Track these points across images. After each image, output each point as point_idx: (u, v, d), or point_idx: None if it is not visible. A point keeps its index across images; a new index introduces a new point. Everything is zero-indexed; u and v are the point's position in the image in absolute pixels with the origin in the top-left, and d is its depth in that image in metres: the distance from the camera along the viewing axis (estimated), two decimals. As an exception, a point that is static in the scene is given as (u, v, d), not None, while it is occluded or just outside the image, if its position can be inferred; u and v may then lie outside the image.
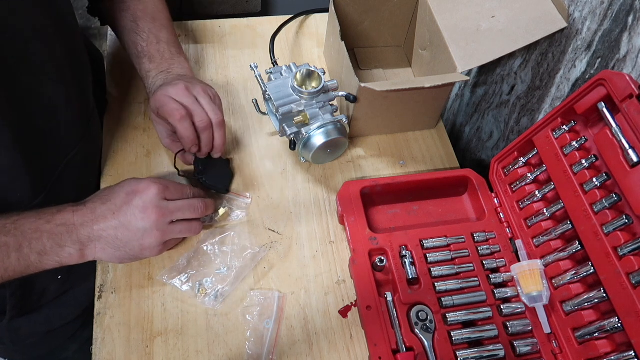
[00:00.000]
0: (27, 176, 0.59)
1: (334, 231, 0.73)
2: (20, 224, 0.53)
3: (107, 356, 0.60)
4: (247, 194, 0.74)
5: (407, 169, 0.81)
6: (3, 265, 0.52)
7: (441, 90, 0.76)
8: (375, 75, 0.93)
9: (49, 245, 0.54)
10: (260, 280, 0.67)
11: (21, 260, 0.53)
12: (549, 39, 0.73)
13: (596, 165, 0.58)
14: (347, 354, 0.63)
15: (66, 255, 0.55)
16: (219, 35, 0.94)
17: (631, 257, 0.52)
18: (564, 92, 0.73)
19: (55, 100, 0.61)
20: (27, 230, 0.53)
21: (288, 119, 0.70)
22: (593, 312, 0.58)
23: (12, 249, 0.52)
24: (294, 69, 0.73)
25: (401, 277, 0.65)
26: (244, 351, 0.61)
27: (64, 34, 0.61)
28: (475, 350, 0.60)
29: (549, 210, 0.64)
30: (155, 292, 0.65)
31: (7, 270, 0.52)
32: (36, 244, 0.53)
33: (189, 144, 0.66)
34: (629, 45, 0.60)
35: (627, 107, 0.52)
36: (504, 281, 0.66)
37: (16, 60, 0.54)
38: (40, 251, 0.54)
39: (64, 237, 0.55)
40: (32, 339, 0.75)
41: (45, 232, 0.54)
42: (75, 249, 0.56)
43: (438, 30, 0.77)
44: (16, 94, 0.55)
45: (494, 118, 0.92)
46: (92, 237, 0.56)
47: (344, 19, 0.85)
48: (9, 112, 0.54)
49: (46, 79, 0.58)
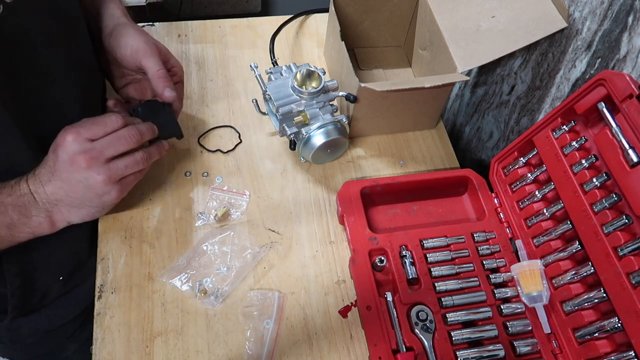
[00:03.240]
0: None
1: (334, 231, 0.73)
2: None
3: (107, 356, 0.60)
4: (246, 191, 0.74)
5: (407, 169, 0.81)
6: None
7: (441, 90, 0.76)
8: (375, 75, 0.93)
9: (15, 217, 0.54)
10: (260, 280, 0.67)
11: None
12: (549, 39, 0.73)
13: (596, 165, 0.58)
14: (347, 354, 0.63)
15: (35, 224, 0.55)
16: (219, 35, 0.94)
17: (631, 257, 0.52)
18: (564, 92, 0.73)
19: (63, 102, 0.61)
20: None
21: (288, 119, 0.70)
22: (593, 312, 0.58)
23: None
24: (294, 69, 0.73)
25: (401, 277, 0.65)
26: (244, 351, 0.61)
27: (72, 38, 0.61)
28: (475, 350, 0.60)
29: (549, 210, 0.64)
30: (155, 292, 0.65)
31: None
32: (3, 218, 0.53)
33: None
34: (629, 45, 0.60)
35: (627, 107, 0.52)
36: (504, 281, 0.66)
37: (26, 63, 0.54)
38: (9, 224, 0.54)
39: (27, 206, 0.55)
40: (32, 338, 0.75)
41: (9, 205, 0.54)
42: (42, 216, 0.56)
43: (438, 30, 0.77)
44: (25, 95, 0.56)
45: (494, 118, 0.92)
46: (51, 202, 0.56)
47: (344, 19, 0.85)
48: (18, 113, 0.55)
49: (55, 81, 0.59)
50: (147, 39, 0.65)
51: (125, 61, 0.66)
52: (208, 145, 0.79)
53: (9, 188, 0.55)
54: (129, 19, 0.69)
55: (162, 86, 0.64)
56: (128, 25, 0.66)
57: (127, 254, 0.67)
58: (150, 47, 0.64)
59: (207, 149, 0.78)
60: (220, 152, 0.78)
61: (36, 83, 0.57)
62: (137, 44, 0.64)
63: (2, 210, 0.54)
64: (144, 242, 0.69)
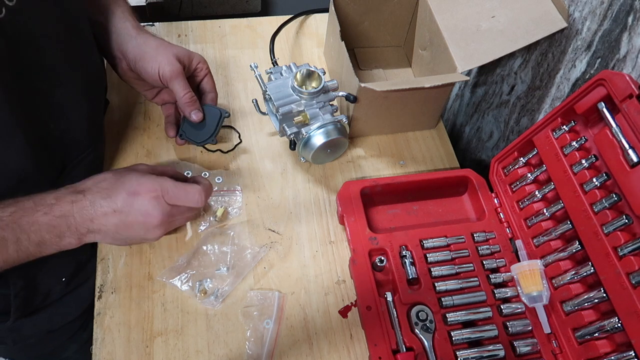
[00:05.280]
0: (37, 176, 0.59)
1: (334, 231, 0.73)
2: (18, 216, 0.53)
3: (107, 356, 0.60)
4: (237, 186, 0.74)
5: (407, 169, 0.81)
6: (2, 257, 0.52)
7: (441, 90, 0.76)
8: (375, 75, 0.93)
9: (47, 237, 0.54)
10: (260, 280, 0.67)
11: (20, 252, 0.53)
12: (549, 39, 0.73)
13: (596, 165, 0.58)
14: (347, 354, 0.63)
15: (65, 244, 0.56)
16: (219, 35, 0.94)
17: (631, 257, 0.52)
18: (564, 92, 0.73)
19: (67, 104, 0.62)
20: (24, 224, 0.53)
21: (288, 119, 0.70)
22: (593, 312, 0.58)
23: (10, 242, 0.52)
24: (294, 69, 0.73)
25: (401, 277, 0.65)
26: (244, 351, 0.61)
27: (77, 40, 0.61)
28: (475, 350, 0.60)
29: (549, 210, 0.64)
30: (155, 292, 0.65)
31: (7, 262, 0.52)
32: (34, 237, 0.53)
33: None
34: (628, 45, 0.60)
35: (627, 107, 0.52)
36: (504, 281, 0.66)
37: (30, 65, 0.54)
38: (39, 242, 0.54)
39: (62, 228, 0.55)
40: (34, 339, 0.75)
41: (44, 224, 0.54)
42: (74, 238, 0.56)
43: (438, 30, 0.77)
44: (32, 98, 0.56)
45: (494, 118, 0.92)
46: (92, 230, 0.57)
47: (344, 19, 0.85)
48: (24, 116, 0.55)
49: (58, 82, 0.59)
50: (168, 57, 0.67)
51: (152, 82, 0.70)
52: (208, 145, 0.79)
53: (48, 206, 0.54)
54: (140, 29, 0.70)
55: (188, 111, 0.70)
56: (146, 44, 0.68)
57: (127, 254, 0.67)
58: (173, 67, 0.67)
59: (207, 149, 0.78)
60: (220, 152, 0.78)
61: (43, 85, 0.57)
62: (162, 69, 0.66)
63: (35, 229, 0.53)
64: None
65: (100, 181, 0.59)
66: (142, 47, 0.67)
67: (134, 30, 0.69)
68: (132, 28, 0.69)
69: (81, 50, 0.63)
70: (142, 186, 0.58)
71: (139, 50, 0.67)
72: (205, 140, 0.73)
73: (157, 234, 0.60)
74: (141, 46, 0.67)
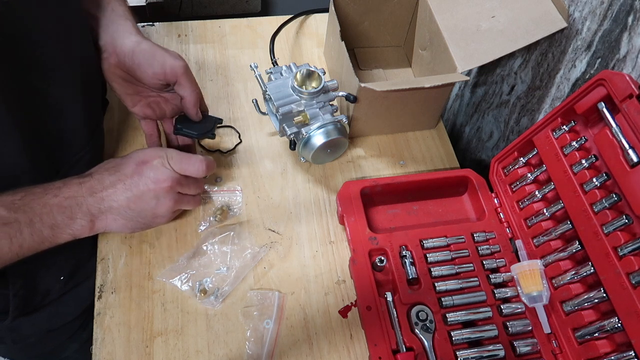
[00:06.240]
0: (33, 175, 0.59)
1: (334, 231, 0.73)
2: (28, 199, 0.53)
3: (107, 356, 0.60)
4: (237, 185, 0.74)
5: (407, 169, 0.81)
6: (17, 241, 0.52)
7: (441, 90, 0.76)
8: (375, 75, 0.93)
9: (59, 218, 0.55)
10: (260, 280, 0.67)
11: (34, 235, 0.53)
12: (549, 39, 0.73)
13: (596, 165, 0.58)
14: (347, 354, 0.63)
15: (78, 227, 0.56)
16: (219, 35, 0.94)
17: (631, 257, 0.52)
18: (564, 92, 0.73)
19: (65, 102, 0.61)
20: (35, 206, 0.53)
21: (288, 119, 0.70)
22: (593, 312, 0.58)
23: (24, 224, 0.52)
24: (294, 69, 0.73)
25: (401, 277, 0.65)
26: (244, 351, 0.61)
27: (75, 38, 0.61)
28: (475, 350, 0.60)
29: (549, 210, 0.64)
30: (155, 292, 0.65)
31: (22, 246, 0.53)
32: (47, 218, 0.54)
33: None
34: (628, 45, 0.60)
35: (627, 107, 0.52)
36: (504, 281, 0.66)
37: (28, 64, 0.54)
38: (52, 225, 0.54)
39: (73, 209, 0.55)
40: (33, 338, 0.75)
41: (55, 206, 0.54)
42: (86, 220, 0.56)
43: (438, 30, 0.77)
44: (29, 97, 0.55)
45: (494, 118, 0.92)
46: (103, 208, 0.57)
47: (344, 19, 0.85)
48: (22, 115, 0.55)
49: (56, 82, 0.59)
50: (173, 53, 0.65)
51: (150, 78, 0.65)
52: (208, 146, 0.79)
53: (56, 189, 0.55)
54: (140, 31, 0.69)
55: (196, 109, 0.68)
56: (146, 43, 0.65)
57: (127, 254, 0.67)
58: (183, 62, 0.65)
59: (207, 149, 0.78)
60: (220, 152, 0.78)
61: (40, 83, 0.57)
62: (170, 63, 0.63)
63: (47, 211, 0.54)
64: (143, 242, 0.69)
65: (106, 164, 0.61)
66: (143, 45, 0.66)
67: (134, 29, 0.68)
68: (133, 27, 0.68)
69: (79, 49, 0.63)
70: (148, 154, 0.60)
71: (140, 47, 0.65)
72: (205, 133, 0.70)
73: (168, 206, 0.61)
74: (141, 43, 0.66)
